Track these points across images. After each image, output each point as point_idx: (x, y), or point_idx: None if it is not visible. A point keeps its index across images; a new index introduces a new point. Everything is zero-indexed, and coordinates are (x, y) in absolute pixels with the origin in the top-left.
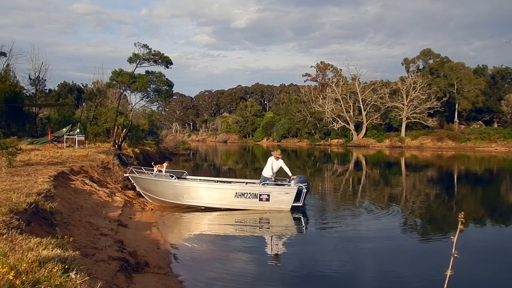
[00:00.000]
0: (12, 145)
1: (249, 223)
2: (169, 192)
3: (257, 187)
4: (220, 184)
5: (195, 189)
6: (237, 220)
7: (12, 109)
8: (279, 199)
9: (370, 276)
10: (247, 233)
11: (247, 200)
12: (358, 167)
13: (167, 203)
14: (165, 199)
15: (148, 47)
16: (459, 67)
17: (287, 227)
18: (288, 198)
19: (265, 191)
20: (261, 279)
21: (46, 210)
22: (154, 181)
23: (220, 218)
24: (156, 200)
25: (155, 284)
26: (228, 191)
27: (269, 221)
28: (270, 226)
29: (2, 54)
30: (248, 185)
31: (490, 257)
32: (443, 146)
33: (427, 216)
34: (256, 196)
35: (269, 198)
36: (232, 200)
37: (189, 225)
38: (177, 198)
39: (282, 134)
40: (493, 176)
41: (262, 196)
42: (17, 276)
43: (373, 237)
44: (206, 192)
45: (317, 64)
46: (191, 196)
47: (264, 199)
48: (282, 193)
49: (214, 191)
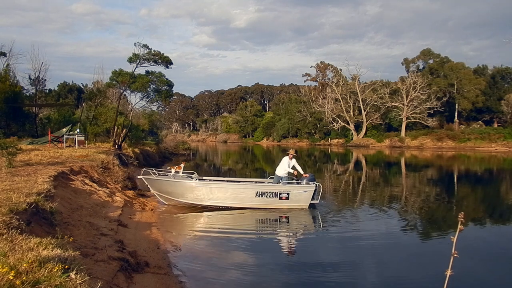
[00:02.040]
0: (12, 145)
1: (250, 222)
2: (189, 193)
3: (277, 186)
4: (241, 184)
5: (217, 190)
6: (238, 220)
7: (12, 109)
8: (298, 197)
9: (370, 276)
10: (247, 233)
11: (268, 199)
12: (358, 167)
13: (185, 204)
14: (184, 200)
15: (148, 47)
16: (459, 67)
17: (286, 226)
18: (306, 196)
19: (285, 190)
20: (261, 279)
21: (46, 210)
22: (174, 182)
23: (220, 218)
24: (173, 201)
25: (155, 284)
26: (249, 191)
27: (270, 220)
28: (270, 225)
29: (2, 54)
30: (268, 185)
31: (490, 257)
32: (443, 146)
33: (427, 216)
34: (276, 195)
35: (288, 197)
36: (253, 199)
37: (189, 225)
38: (197, 199)
39: (282, 134)
40: (493, 176)
41: (282, 194)
42: (17, 276)
43: (372, 237)
44: (227, 192)
45: (317, 64)
46: (213, 196)
47: (284, 198)
48: (301, 191)
49: (235, 191)
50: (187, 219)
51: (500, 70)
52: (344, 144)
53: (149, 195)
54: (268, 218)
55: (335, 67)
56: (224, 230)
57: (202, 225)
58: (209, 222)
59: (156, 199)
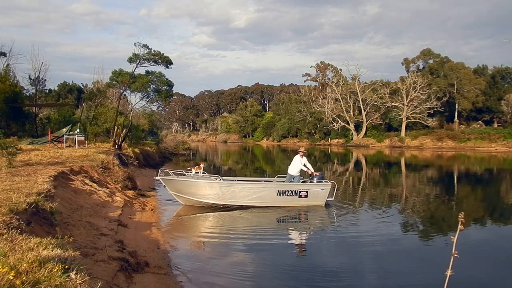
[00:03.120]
0: (12, 145)
1: (251, 222)
2: (211, 193)
3: (297, 185)
4: (264, 184)
5: (241, 190)
6: (239, 219)
7: (12, 109)
8: (316, 195)
9: (370, 276)
10: (247, 233)
11: (288, 198)
12: (358, 167)
13: (206, 204)
14: (206, 200)
15: (148, 47)
16: (459, 67)
17: (286, 225)
18: (323, 193)
19: (304, 188)
20: (261, 278)
21: (46, 210)
22: (197, 182)
23: (220, 218)
24: (192, 201)
25: (155, 284)
26: (271, 190)
27: (269, 219)
28: (270, 225)
29: (2, 54)
30: (289, 183)
31: (490, 257)
32: (443, 146)
33: (427, 216)
34: (296, 193)
35: (307, 195)
36: (274, 198)
37: (189, 225)
38: (219, 199)
39: (282, 134)
40: (493, 176)
41: (301, 193)
42: (17, 276)
43: (372, 237)
44: (249, 192)
45: (317, 64)
46: (235, 196)
47: (303, 196)
48: (318, 189)
49: (258, 190)
50: (187, 219)
51: (500, 70)
52: (344, 144)
53: (149, 195)
54: (268, 218)
55: (335, 67)
56: (224, 230)
57: (202, 225)
58: (209, 222)
59: (155, 199)
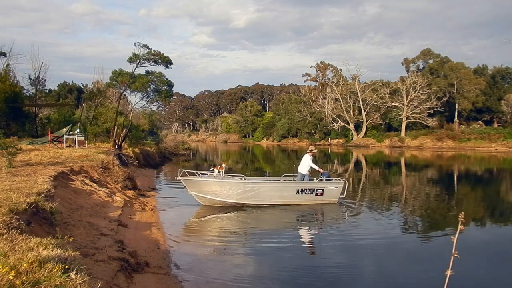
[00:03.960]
0: (12, 145)
1: (251, 221)
2: (235, 193)
3: (314, 183)
4: (285, 183)
5: (263, 188)
6: (238, 220)
7: (12, 109)
8: (331, 192)
9: (370, 276)
10: (247, 233)
11: (306, 196)
12: (358, 167)
13: (229, 203)
14: (230, 200)
15: (148, 47)
16: (459, 67)
17: (283, 223)
18: (337, 191)
19: (321, 186)
20: (262, 278)
21: (46, 210)
22: (221, 182)
23: (220, 218)
24: (214, 201)
25: (155, 284)
26: (291, 189)
27: (269, 218)
28: (271, 225)
29: (2, 54)
30: (308, 182)
31: (490, 257)
32: (443, 146)
33: (427, 216)
34: (313, 191)
35: (323, 192)
36: (294, 196)
37: (189, 224)
38: (242, 198)
39: (282, 134)
40: (493, 176)
41: (318, 191)
42: (17, 276)
43: (373, 237)
44: (272, 191)
45: (317, 64)
46: (258, 195)
47: (319, 194)
48: (333, 187)
49: (280, 190)
50: (187, 219)
51: (500, 70)
52: (344, 144)
53: (149, 195)
54: (268, 216)
55: (335, 67)
56: (225, 230)
57: (203, 224)
58: (209, 222)
59: (155, 199)
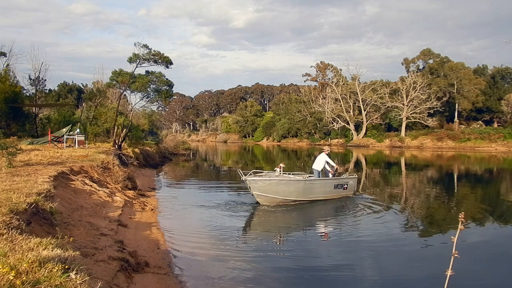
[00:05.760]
0: (12, 145)
1: (251, 220)
2: (296, 191)
3: (343, 179)
4: (330, 179)
5: (318, 186)
6: (238, 219)
7: (12, 109)
8: (351, 186)
9: (370, 276)
10: (247, 233)
11: (338, 190)
12: (358, 167)
13: (288, 201)
14: (289, 198)
15: (148, 47)
16: (459, 67)
17: (286, 222)
18: (354, 185)
19: (346, 181)
20: (261, 278)
21: (46, 210)
22: (287, 181)
23: (220, 217)
24: (275, 200)
25: (155, 284)
26: (332, 185)
27: (269, 217)
28: (271, 224)
29: (2, 54)
30: (340, 178)
31: (490, 257)
32: (443, 146)
33: (427, 216)
34: (342, 186)
35: (347, 187)
36: (332, 191)
37: (189, 224)
38: (300, 196)
39: (282, 134)
40: (493, 176)
41: (345, 185)
42: (17, 276)
43: (373, 236)
44: (322, 187)
45: (317, 64)
46: (312, 191)
47: (345, 188)
48: (352, 182)
49: (326, 186)
50: (187, 219)
51: (500, 70)
52: (344, 144)
53: (149, 195)
54: (267, 215)
55: (335, 67)
56: (225, 230)
57: (203, 224)
58: (209, 221)
59: (155, 199)
